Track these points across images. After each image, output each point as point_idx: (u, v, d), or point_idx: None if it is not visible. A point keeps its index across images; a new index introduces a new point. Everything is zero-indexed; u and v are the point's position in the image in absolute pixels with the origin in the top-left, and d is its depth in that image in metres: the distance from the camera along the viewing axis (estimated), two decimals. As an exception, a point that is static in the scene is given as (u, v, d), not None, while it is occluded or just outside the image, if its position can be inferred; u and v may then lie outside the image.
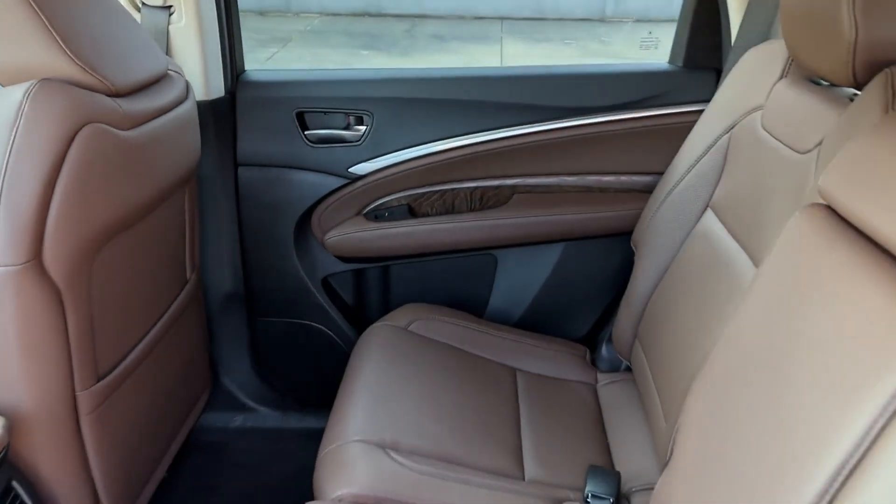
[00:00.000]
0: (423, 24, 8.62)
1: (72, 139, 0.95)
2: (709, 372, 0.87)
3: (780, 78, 1.14)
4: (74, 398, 1.06)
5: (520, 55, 7.43)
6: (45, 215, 0.94)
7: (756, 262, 1.06)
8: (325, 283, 1.74)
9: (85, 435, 1.09)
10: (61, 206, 0.95)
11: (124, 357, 1.18)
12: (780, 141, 1.07)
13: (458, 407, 1.28)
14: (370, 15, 8.83)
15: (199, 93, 1.48)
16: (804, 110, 1.03)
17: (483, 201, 1.65)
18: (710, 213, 1.26)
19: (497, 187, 1.63)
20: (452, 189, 1.63)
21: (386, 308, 1.75)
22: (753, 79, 1.22)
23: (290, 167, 1.61)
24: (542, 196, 1.64)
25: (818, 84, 1.09)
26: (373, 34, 8.10)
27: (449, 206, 1.65)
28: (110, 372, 1.14)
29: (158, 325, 1.30)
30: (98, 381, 1.10)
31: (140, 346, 1.23)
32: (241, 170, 1.61)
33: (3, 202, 0.91)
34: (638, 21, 8.72)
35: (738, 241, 1.13)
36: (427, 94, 1.58)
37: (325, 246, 1.68)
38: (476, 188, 1.64)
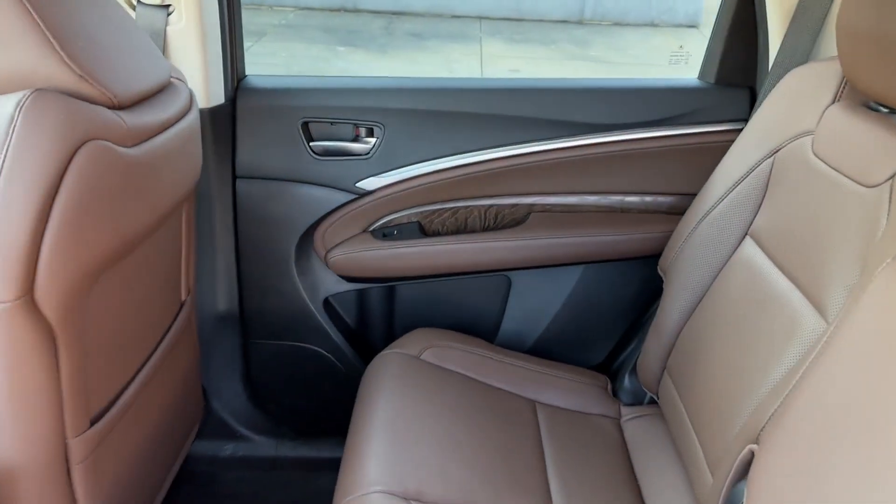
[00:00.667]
0: (401, 21, 8.50)
1: (70, 158, 0.83)
2: (786, 431, 0.79)
3: (833, 102, 1.08)
4: (65, 446, 0.95)
5: (499, 56, 7.37)
6: (39, 246, 0.82)
7: (813, 300, 0.98)
8: (327, 304, 1.63)
9: (76, 485, 0.98)
10: (57, 235, 0.83)
11: (118, 396, 1.07)
12: (839, 171, 1.00)
13: (480, 448, 1.19)
14: (346, 10, 8.69)
15: (198, 100, 1.36)
16: (867, 139, 0.97)
17: (498, 220, 1.55)
18: (749, 242, 1.19)
19: (513, 206, 1.54)
20: (466, 207, 1.54)
21: (391, 331, 1.66)
22: (800, 101, 1.15)
23: (293, 181, 1.50)
24: (560, 216, 1.55)
25: (877, 110, 1.03)
26: (349, 30, 7.96)
27: (462, 224, 1.55)
28: (103, 414, 1.02)
29: (154, 356, 1.18)
30: (91, 425, 0.98)
31: (135, 383, 1.11)
32: (239, 182, 1.50)
33: None
34: (616, 24, 8.71)
35: (788, 275, 1.06)
36: (442, 105, 1.48)
37: (328, 264, 1.57)
38: (491, 206, 1.54)
